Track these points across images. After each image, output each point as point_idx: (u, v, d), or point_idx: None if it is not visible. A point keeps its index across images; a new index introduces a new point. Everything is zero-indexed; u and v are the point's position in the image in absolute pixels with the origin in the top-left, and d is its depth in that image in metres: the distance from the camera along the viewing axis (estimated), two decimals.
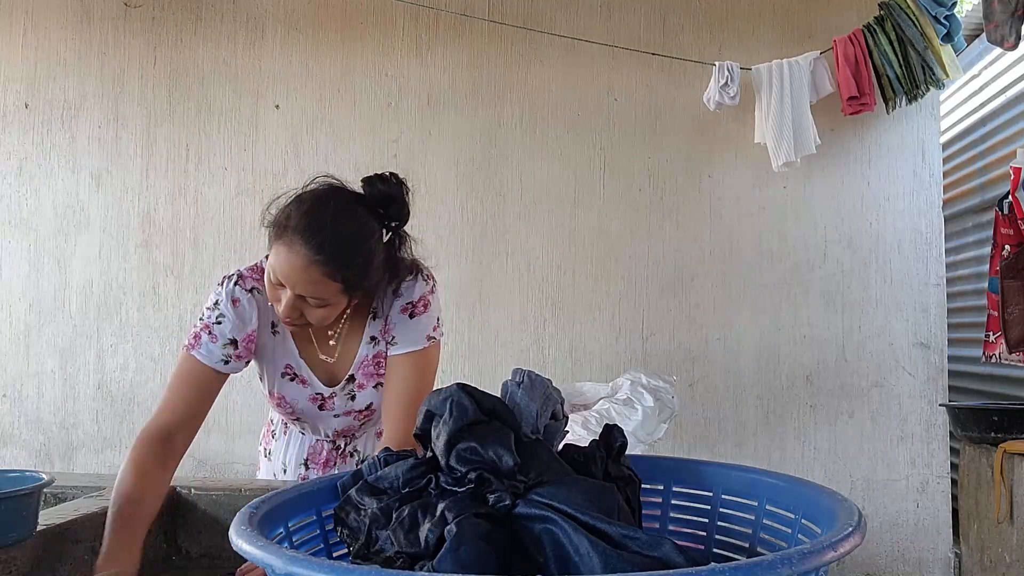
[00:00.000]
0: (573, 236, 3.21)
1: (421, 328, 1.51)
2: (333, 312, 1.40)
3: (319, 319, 1.39)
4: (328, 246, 1.32)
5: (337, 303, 1.39)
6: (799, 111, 2.92)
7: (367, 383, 1.56)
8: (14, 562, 1.09)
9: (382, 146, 3.25)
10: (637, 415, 2.18)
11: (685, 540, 0.89)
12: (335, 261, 1.33)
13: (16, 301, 3.33)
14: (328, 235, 1.33)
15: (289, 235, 1.33)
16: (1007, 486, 2.50)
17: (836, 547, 0.59)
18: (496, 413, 0.80)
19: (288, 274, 1.33)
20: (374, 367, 1.55)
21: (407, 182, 1.51)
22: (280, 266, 1.33)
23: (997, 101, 3.60)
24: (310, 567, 0.56)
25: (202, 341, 1.45)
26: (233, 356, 1.47)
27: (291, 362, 1.54)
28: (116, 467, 3.37)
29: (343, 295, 1.38)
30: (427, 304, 1.52)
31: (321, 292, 1.34)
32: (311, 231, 1.32)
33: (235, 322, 1.47)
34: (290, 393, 1.56)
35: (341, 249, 1.34)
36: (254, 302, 1.49)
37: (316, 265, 1.31)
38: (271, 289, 1.38)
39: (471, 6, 3.22)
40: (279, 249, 1.34)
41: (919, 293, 3.11)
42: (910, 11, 2.82)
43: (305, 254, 1.31)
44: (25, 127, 3.35)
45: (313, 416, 1.60)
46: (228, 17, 3.31)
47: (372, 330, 1.54)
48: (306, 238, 1.32)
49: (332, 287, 1.34)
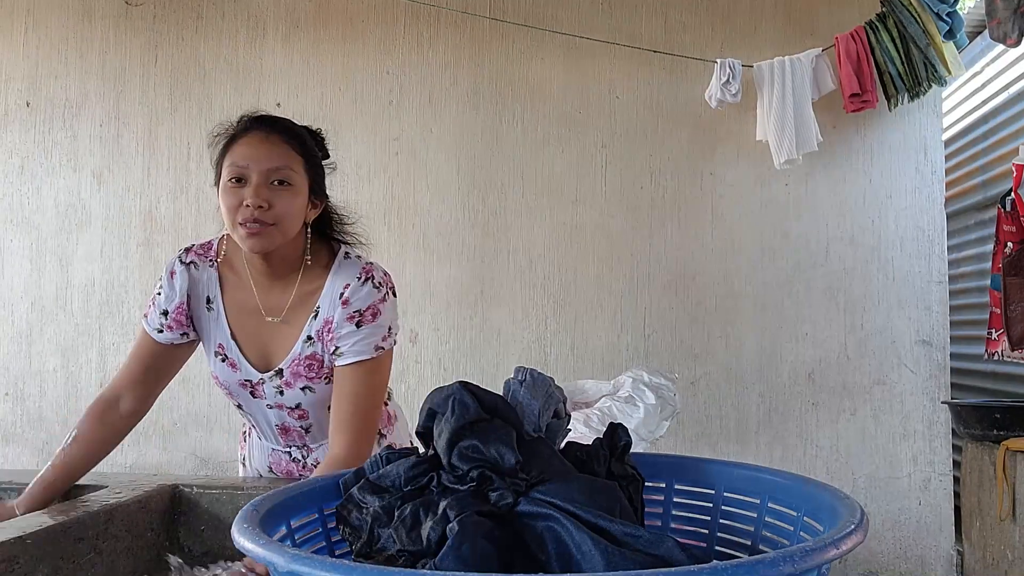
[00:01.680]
0: (575, 234, 3.21)
1: (368, 338, 1.46)
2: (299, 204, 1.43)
3: (286, 207, 1.40)
4: (279, 124, 1.46)
5: (300, 188, 1.43)
6: (801, 108, 2.91)
7: (294, 383, 1.52)
8: (16, 561, 1.09)
9: (383, 144, 3.25)
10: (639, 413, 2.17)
11: (687, 538, 0.89)
12: (290, 133, 1.46)
13: (18, 300, 3.33)
14: (277, 120, 1.48)
15: (241, 134, 1.44)
16: (1009, 484, 2.50)
17: (838, 545, 0.59)
18: (498, 411, 0.80)
19: (251, 151, 1.40)
20: (304, 368, 1.51)
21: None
22: (240, 154, 1.41)
23: (999, 98, 3.59)
24: (312, 565, 0.56)
25: (150, 311, 1.57)
26: (165, 327, 1.55)
27: (222, 341, 1.55)
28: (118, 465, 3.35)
29: (304, 174, 1.44)
30: (376, 313, 1.47)
31: (286, 159, 1.41)
32: (259, 120, 1.46)
33: (168, 293, 1.55)
34: (222, 374, 1.57)
35: (291, 128, 1.48)
36: (187, 275, 1.54)
37: (275, 134, 1.43)
38: (232, 197, 1.40)
39: (472, 3, 3.22)
40: (235, 148, 1.43)
41: (921, 290, 3.11)
42: (912, 8, 2.82)
43: (262, 132, 1.43)
44: (27, 125, 3.35)
45: (249, 404, 1.59)
46: (229, 15, 3.31)
47: (310, 329, 1.50)
48: (258, 125, 1.45)
49: (294, 156, 1.43)
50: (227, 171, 1.41)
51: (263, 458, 1.70)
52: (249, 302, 1.53)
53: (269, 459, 1.68)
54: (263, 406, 1.58)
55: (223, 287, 1.54)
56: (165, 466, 3.24)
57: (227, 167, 1.41)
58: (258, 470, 1.72)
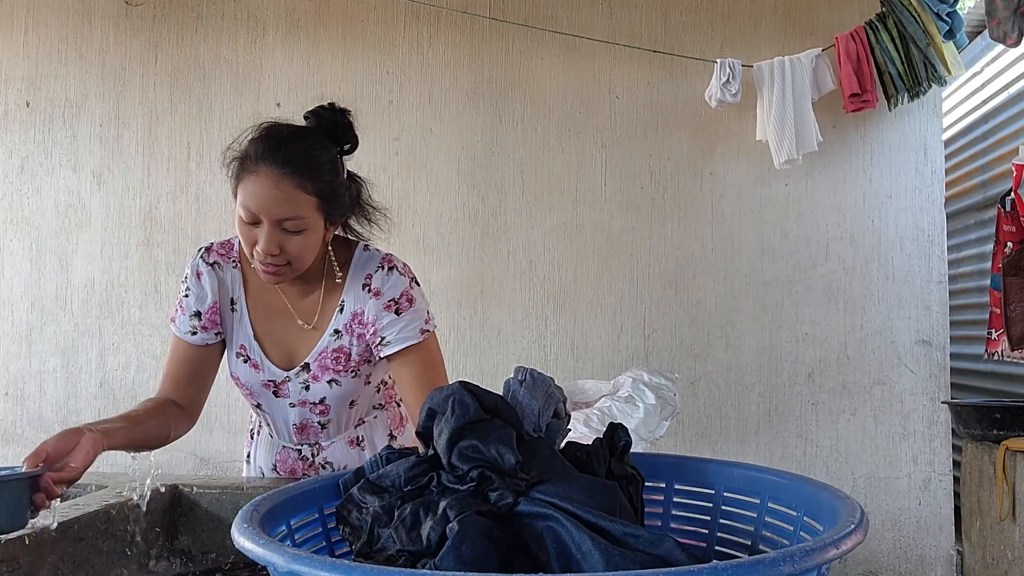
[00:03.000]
0: (575, 234, 3.21)
1: (412, 323, 1.49)
2: (311, 242, 1.38)
3: (299, 251, 1.37)
4: (292, 159, 1.34)
5: (314, 226, 1.38)
6: (801, 108, 2.91)
7: (322, 376, 1.53)
8: (16, 560, 1.09)
9: (383, 144, 3.25)
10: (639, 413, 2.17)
11: (687, 538, 0.89)
12: (302, 171, 1.34)
13: (18, 300, 3.33)
14: (290, 150, 1.34)
15: (252, 165, 1.35)
16: (1009, 483, 2.50)
17: (838, 545, 0.59)
18: (498, 411, 0.80)
19: (260, 199, 1.33)
20: (332, 361, 1.52)
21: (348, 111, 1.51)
22: (250, 197, 1.33)
23: (999, 98, 3.59)
24: (312, 565, 0.56)
25: (178, 315, 1.54)
26: (199, 328, 1.52)
27: (244, 342, 1.54)
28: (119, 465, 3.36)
29: (318, 213, 1.38)
30: (411, 299, 1.51)
31: (297, 209, 1.34)
32: (271, 151, 1.34)
33: (198, 294, 1.52)
34: (243, 375, 1.56)
35: (305, 160, 1.35)
36: (214, 275, 1.53)
37: (285, 178, 1.33)
38: (246, 233, 1.36)
39: (472, 3, 3.22)
40: (245, 183, 1.34)
41: (921, 290, 3.11)
42: (912, 8, 2.82)
43: (272, 172, 1.33)
44: (26, 125, 3.35)
45: (270, 403, 1.59)
46: (229, 15, 3.31)
47: (337, 323, 1.52)
48: (269, 159, 1.33)
49: (306, 201, 1.35)
50: (240, 208, 1.36)
51: (269, 456, 1.70)
52: (276, 303, 1.53)
53: (276, 457, 1.68)
54: (285, 405, 1.58)
55: (246, 288, 1.54)
56: (165, 466, 3.22)
57: (239, 203, 1.36)
58: (261, 468, 1.71)
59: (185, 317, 1.52)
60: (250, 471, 1.75)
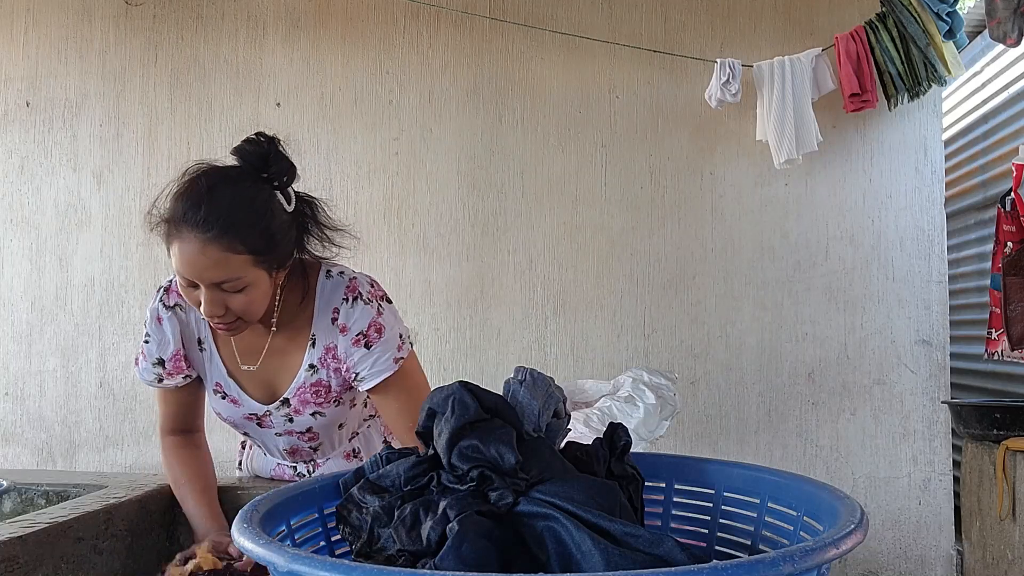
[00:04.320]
0: (575, 233, 3.21)
1: (383, 355, 1.42)
2: (257, 295, 1.30)
3: (245, 307, 1.29)
4: (215, 220, 1.23)
5: (256, 281, 1.29)
6: (801, 108, 2.91)
7: (304, 409, 1.49)
8: (16, 560, 1.09)
9: (383, 144, 3.25)
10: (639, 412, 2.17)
11: (687, 538, 0.89)
12: (228, 231, 1.24)
13: (18, 300, 3.33)
14: (211, 209, 1.23)
15: (175, 229, 1.25)
16: (1009, 483, 2.50)
17: (838, 544, 0.59)
18: (498, 411, 0.80)
19: (191, 266, 1.24)
20: (312, 395, 1.47)
21: (278, 137, 1.36)
22: (181, 264, 1.25)
23: (999, 98, 3.59)
24: (312, 565, 0.56)
25: (140, 362, 1.49)
26: (164, 375, 1.47)
27: (220, 380, 1.49)
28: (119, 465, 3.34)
29: (257, 268, 1.28)
30: (380, 328, 1.42)
31: (231, 271, 1.25)
32: (192, 212, 1.24)
33: (160, 340, 1.45)
34: (224, 411, 1.53)
35: (229, 217, 1.24)
36: (175, 320, 1.45)
37: (211, 243, 1.23)
38: (188, 294, 1.30)
39: (472, 3, 3.22)
40: (174, 249, 1.26)
41: (921, 290, 3.11)
42: (912, 8, 2.81)
43: (196, 238, 1.23)
44: (26, 125, 3.35)
45: (256, 432, 1.56)
46: (229, 15, 3.31)
47: (311, 358, 1.45)
48: (191, 222, 1.23)
49: (238, 260, 1.25)
50: (175, 272, 1.29)
51: (266, 468, 1.70)
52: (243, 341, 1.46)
53: (272, 472, 1.68)
54: (271, 434, 1.56)
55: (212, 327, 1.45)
56: None
57: (174, 268, 1.28)
58: (258, 474, 1.72)
59: (148, 364, 1.47)
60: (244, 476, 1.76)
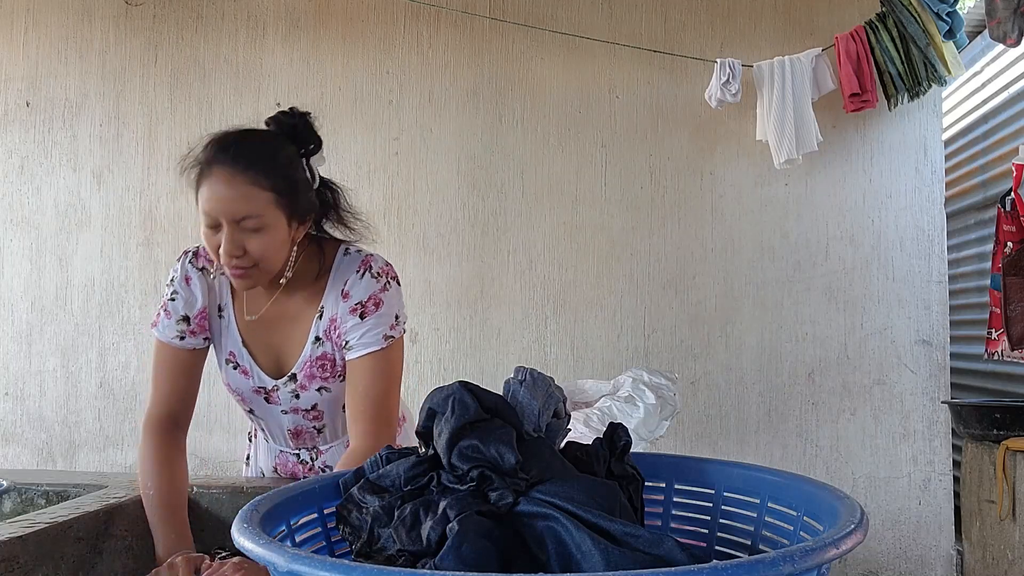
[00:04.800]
0: (575, 234, 3.21)
1: (375, 328, 1.44)
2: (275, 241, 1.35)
3: (262, 250, 1.34)
4: (243, 156, 1.32)
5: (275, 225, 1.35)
6: (801, 108, 2.91)
7: (309, 385, 1.51)
8: (16, 560, 1.09)
9: (383, 143, 3.25)
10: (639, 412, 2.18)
11: (687, 538, 0.89)
12: (255, 167, 1.32)
13: (18, 299, 3.33)
14: (240, 148, 1.34)
15: (205, 168, 1.33)
16: (1009, 483, 2.50)
17: (838, 544, 0.59)
18: (498, 411, 0.80)
19: (215, 201, 1.31)
20: (318, 369, 1.50)
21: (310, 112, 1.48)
22: (206, 201, 1.32)
23: (999, 98, 3.59)
24: (312, 565, 0.56)
25: (160, 319, 1.51)
26: (187, 332, 1.50)
27: (234, 349, 1.52)
28: (119, 465, 3.34)
29: (277, 210, 1.34)
30: (378, 303, 1.45)
31: (252, 206, 1.31)
32: (223, 151, 1.33)
33: (187, 299, 1.50)
34: (234, 382, 1.55)
35: (257, 156, 1.34)
36: (204, 281, 1.51)
37: (237, 176, 1.31)
38: (210, 240, 1.35)
39: (472, 3, 3.22)
40: (202, 189, 1.33)
41: (921, 290, 3.11)
42: (912, 8, 2.82)
43: (225, 173, 1.31)
44: (26, 125, 3.36)
45: (262, 409, 1.58)
46: (229, 15, 3.31)
47: (317, 330, 1.49)
48: (221, 160, 1.32)
49: (262, 197, 1.32)
50: (200, 214, 1.35)
51: (268, 459, 1.70)
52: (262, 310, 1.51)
53: (275, 460, 1.69)
54: (277, 412, 1.57)
55: (234, 294, 1.52)
56: None
57: (200, 209, 1.34)
58: (262, 470, 1.72)
59: (171, 322, 1.49)
60: (250, 472, 1.75)
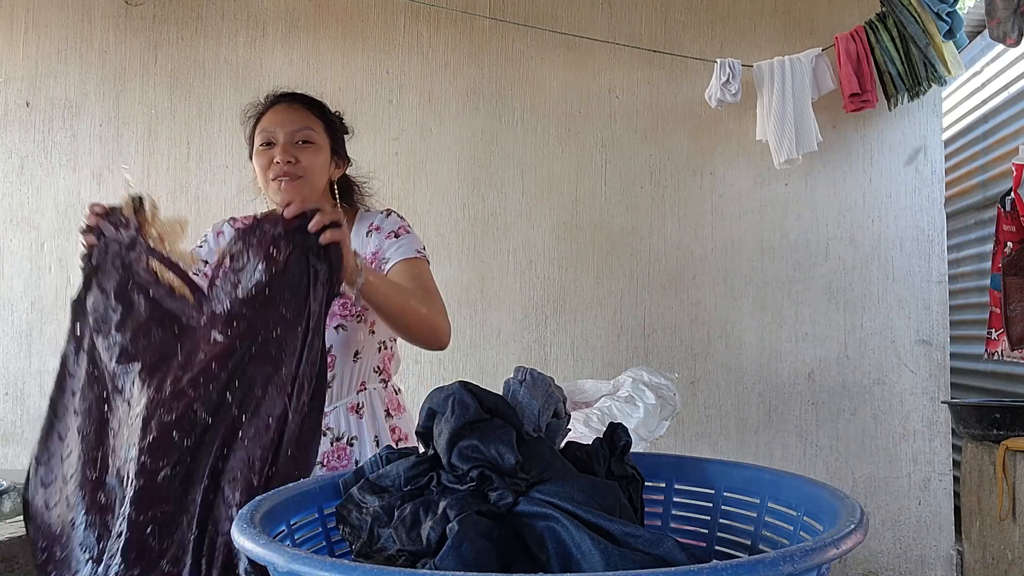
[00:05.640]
0: (575, 233, 3.21)
1: (408, 244, 1.68)
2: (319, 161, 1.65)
3: (309, 163, 1.62)
4: (301, 96, 1.71)
5: (322, 146, 1.66)
6: (801, 108, 2.91)
7: (329, 322, 1.58)
8: (16, 560, 1.09)
9: (383, 144, 3.25)
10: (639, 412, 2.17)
11: (687, 538, 0.89)
12: (310, 103, 1.71)
13: (18, 300, 3.33)
14: (298, 94, 1.72)
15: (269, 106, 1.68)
16: (1009, 483, 2.50)
17: (838, 544, 0.59)
18: (498, 411, 0.80)
19: (275, 121, 1.64)
20: (339, 306, 1.64)
21: None
22: (267, 123, 1.64)
23: (999, 98, 3.59)
24: (312, 565, 0.56)
25: None
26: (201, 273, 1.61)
27: None
28: None
29: (325, 136, 1.67)
30: (407, 230, 1.72)
31: (307, 122, 1.65)
32: (283, 95, 1.70)
33: (212, 247, 1.70)
34: None
35: (314, 101, 1.73)
36: None
37: (296, 103, 1.68)
38: (263, 157, 1.62)
39: (472, 3, 3.22)
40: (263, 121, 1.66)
41: (921, 290, 3.11)
42: (912, 8, 2.82)
43: (286, 103, 1.68)
44: (26, 125, 3.35)
45: None
46: (229, 15, 3.31)
47: None
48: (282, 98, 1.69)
49: (315, 121, 1.67)
50: (258, 137, 1.64)
51: None
52: None
53: None
54: None
55: None
56: None
57: (258, 134, 1.64)
58: None
59: None
60: None
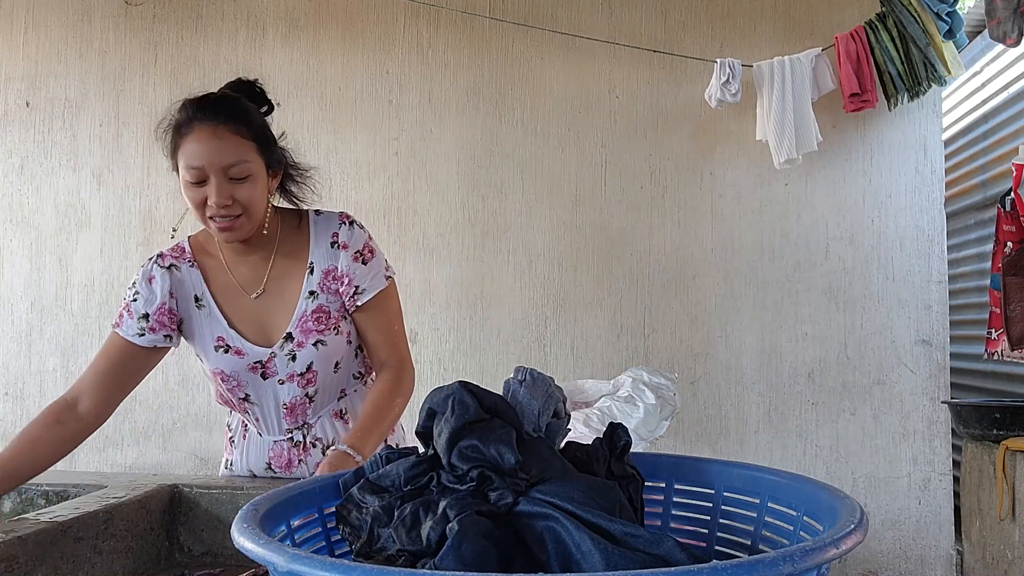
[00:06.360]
0: (575, 233, 3.21)
1: (375, 269, 1.59)
2: (258, 190, 1.46)
3: (248, 198, 1.44)
4: (223, 110, 1.43)
5: (258, 173, 1.46)
6: (801, 108, 2.91)
7: (307, 340, 1.57)
8: (16, 560, 1.09)
9: (383, 144, 3.25)
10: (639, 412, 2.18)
11: (687, 538, 0.89)
12: (236, 118, 1.44)
13: (18, 299, 3.33)
14: (219, 104, 1.45)
15: (185, 128, 1.43)
16: (1009, 483, 2.50)
17: (838, 544, 0.59)
18: (498, 411, 0.80)
19: (202, 153, 1.40)
20: (315, 323, 1.57)
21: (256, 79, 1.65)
22: (192, 155, 1.41)
23: (999, 98, 3.59)
24: (312, 565, 0.56)
25: (124, 319, 1.57)
26: (147, 329, 1.56)
27: (221, 334, 1.57)
28: (118, 465, 3.34)
29: (259, 158, 1.46)
30: (372, 250, 1.61)
31: (239, 153, 1.42)
32: (202, 109, 1.43)
33: (147, 296, 1.57)
34: (228, 366, 1.58)
35: (236, 109, 1.46)
36: (168, 278, 1.58)
37: (222, 126, 1.41)
38: (195, 195, 1.43)
39: (472, 3, 3.22)
40: (184, 146, 1.42)
41: (921, 290, 3.11)
42: (912, 8, 2.82)
43: (208, 126, 1.41)
44: (26, 125, 3.36)
45: (258, 389, 1.60)
46: (229, 15, 3.31)
47: (310, 284, 1.57)
48: (202, 116, 1.42)
49: (245, 145, 1.43)
50: (184, 171, 1.43)
51: (260, 456, 1.70)
52: (239, 283, 1.59)
53: (269, 454, 1.68)
54: (273, 384, 1.60)
55: (208, 280, 1.59)
56: (165, 466, 3.24)
57: (183, 167, 1.43)
58: (252, 471, 1.71)
59: (132, 320, 1.56)
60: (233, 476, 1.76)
